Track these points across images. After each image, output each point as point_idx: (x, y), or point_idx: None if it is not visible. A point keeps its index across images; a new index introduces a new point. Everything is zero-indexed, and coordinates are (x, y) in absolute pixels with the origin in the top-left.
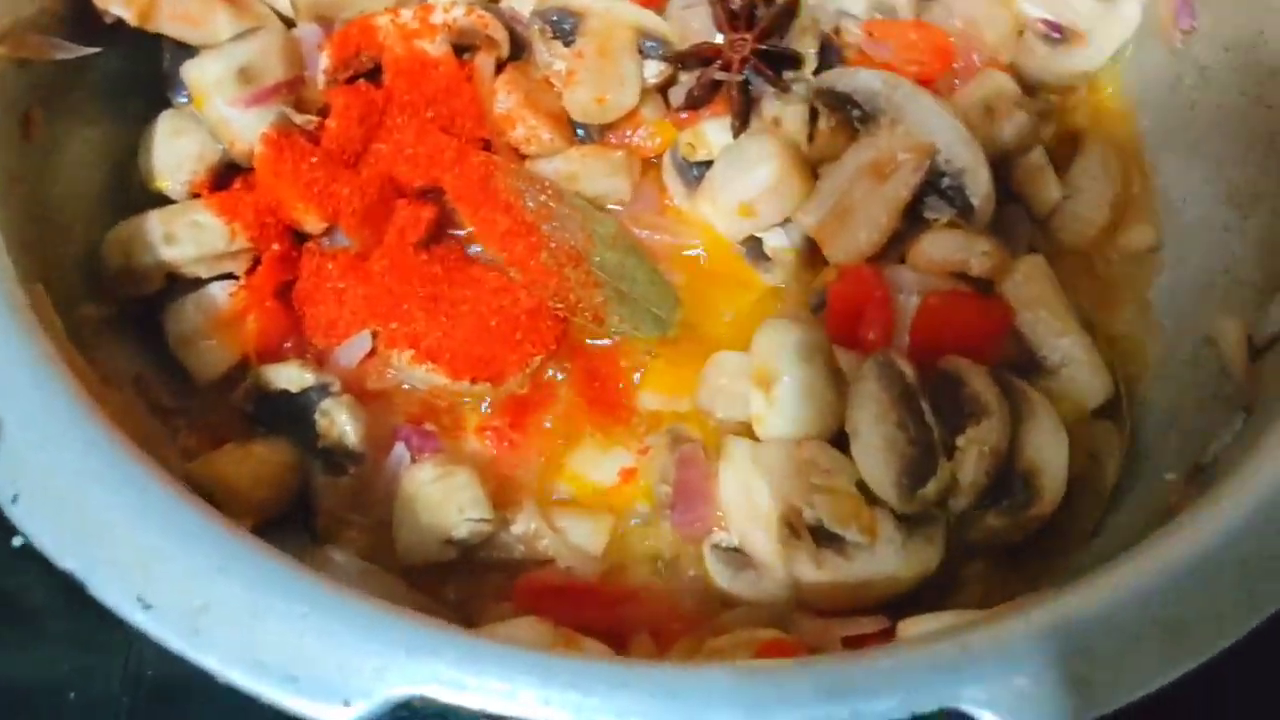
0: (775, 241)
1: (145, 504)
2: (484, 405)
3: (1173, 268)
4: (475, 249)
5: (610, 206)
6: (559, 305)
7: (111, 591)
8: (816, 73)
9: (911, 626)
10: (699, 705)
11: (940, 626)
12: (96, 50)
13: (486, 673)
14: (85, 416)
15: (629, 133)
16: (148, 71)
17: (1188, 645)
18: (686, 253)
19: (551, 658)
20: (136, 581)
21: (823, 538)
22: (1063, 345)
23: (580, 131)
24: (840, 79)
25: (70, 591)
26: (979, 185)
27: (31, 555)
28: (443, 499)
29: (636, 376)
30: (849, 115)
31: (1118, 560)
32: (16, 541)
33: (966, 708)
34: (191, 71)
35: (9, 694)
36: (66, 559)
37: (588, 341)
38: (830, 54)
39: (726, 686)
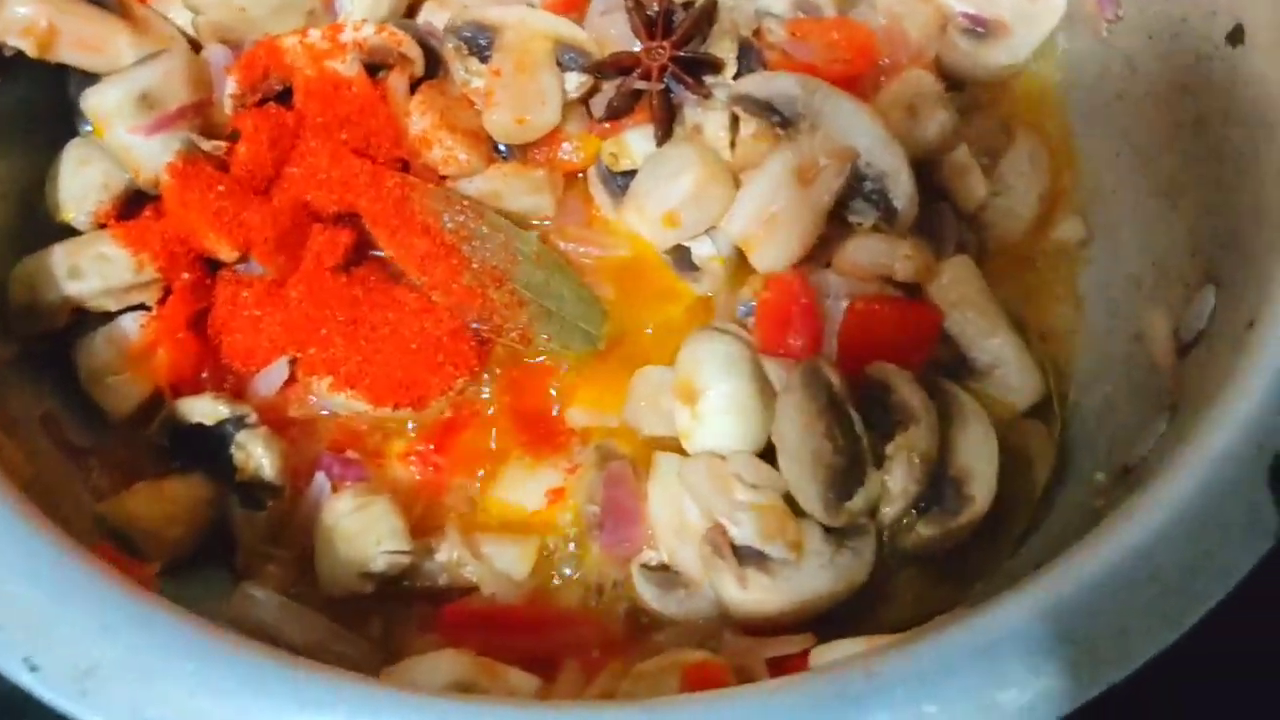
0: (702, 250)
1: (30, 561)
2: (408, 429)
3: (1103, 262)
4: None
5: (534, 223)
6: (484, 327)
7: None
8: (737, 76)
9: (824, 653)
10: None
11: (851, 653)
12: None
13: None
14: None
15: (552, 149)
16: (55, 101)
17: (1099, 664)
18: (614, 265)
19: (450, 704)
20: (22, 643)
21: (748, 555)
22: (992, 346)
23: (502, 148)
24: (758, 85)
25: None
26: (901, 188)
27: None
28: (360, 530)
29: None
30: (770, 121)
31: (1033, 577)
32: None
33: None
34: (90, 100)
35: None
36: None
37: (513, 361)
38: (750, 57)
39: None
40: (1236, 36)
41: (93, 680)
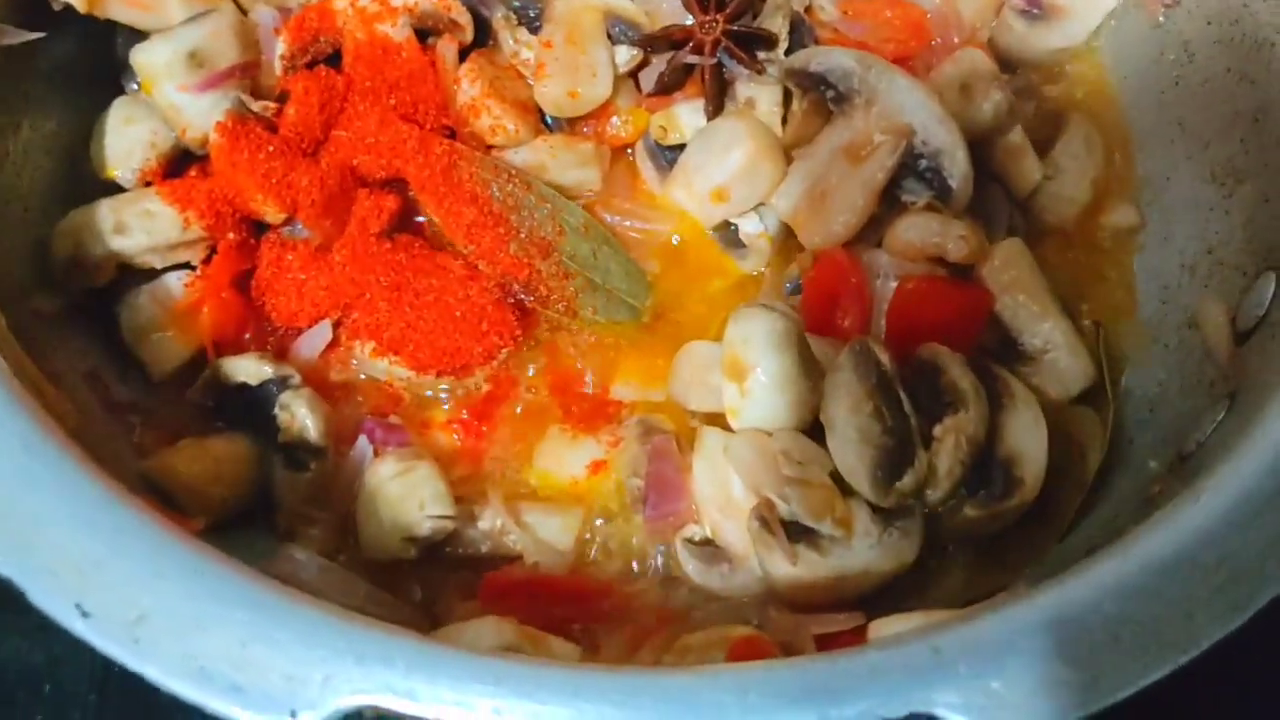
0: (750, 227)
1: (81, 508)
2: (451, 398)
3: (1156, 248)
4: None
5: (581, 195)
6: (530, 297)
7: (49, 599)
8: (788, 53)
9: (883, 627)
10: (658, 713)
11: (912, 627)
12: (42, 35)
13: (439, 682)
14: (21, 416)
15: (601, 122)
16: (102, 58)
17: (1164, 647)
18: (660, 240)
19: (506, 664)
20: (74, 589)
21: (797, 531)
22: (1043, 331)
23: (549, 120)
24: (813, 59)
25: None
26: (957, 166)
27: None
28: (404, 495)
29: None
30: (823, 96)
31: (1095, 557)
32: None
33: (939, 712)
34: (139, 56)
35: None
36: (3, 565)
37: (558, 331)
38: (802, 33)
39: (686, 693)
40: None
41: (144, 628)
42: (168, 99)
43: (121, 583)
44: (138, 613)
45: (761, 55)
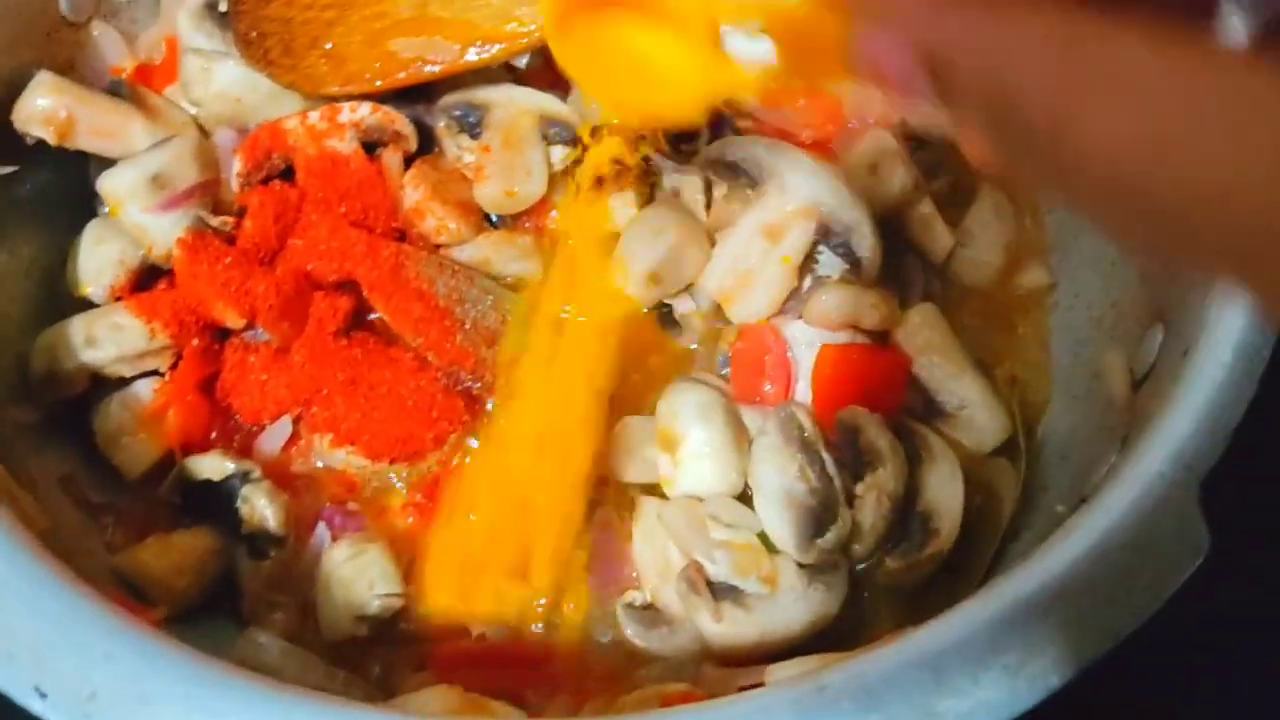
0: (683, 306)
1: (37, 596)
2: (403, 481)
3: (1068, 305)
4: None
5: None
6: (477, 384)
7: (11, 682)
8: (710, 143)
9: (779, 670)
10: None
11: (807, 670)
12: (14, 169)
13: None
14: None
15: (540, 216)
16: (77, 184)
17: (1034, 675)
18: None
19: None
20: (32, 672)
21: (724, 590)
22: (958, 389)
23: (493, 217)
24: (727, 148)
25: None
26: (865, 241)
27: None
28: (355, 576)
29: None
30: (739, 182)
31: (971, 597)
32: None
33: None
34: (105, 183)
35: None
36: None
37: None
38: (723, 125)
39: None
40: None
41: (95, 705)
42: (133, 219)
43: (75, 664)
44: (89, 690)
45: (684, 147)
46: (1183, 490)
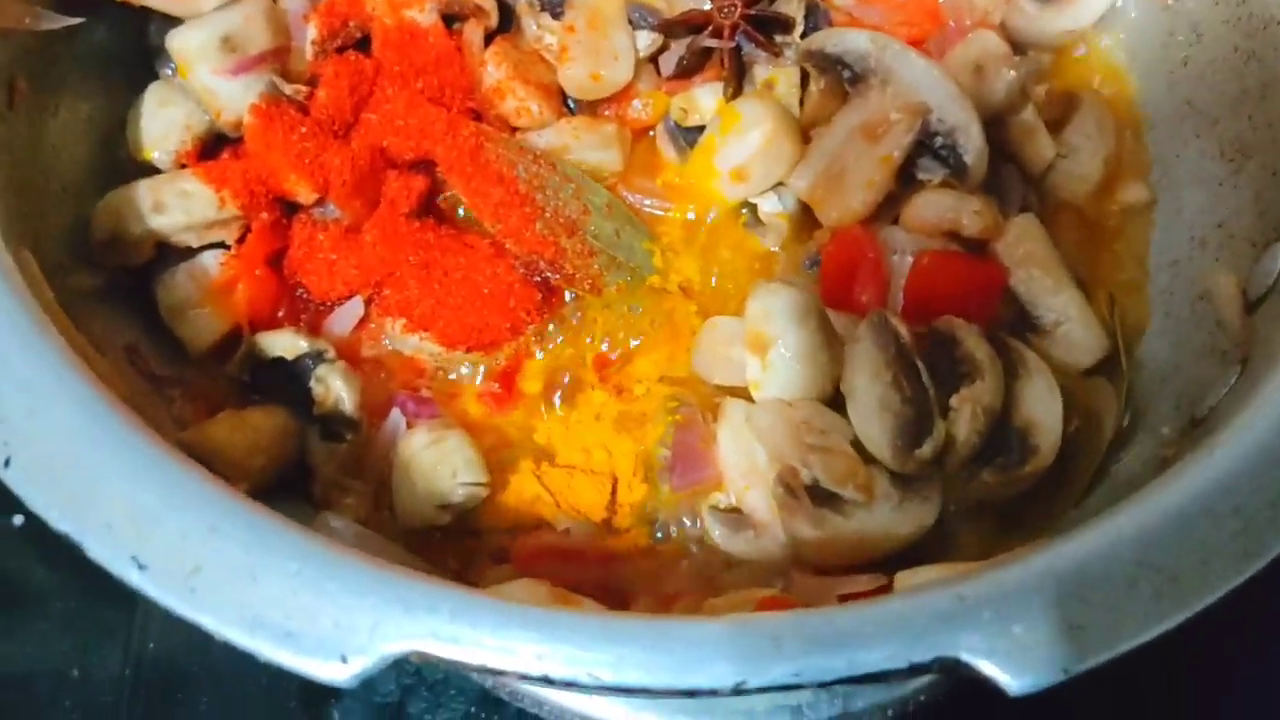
0: (769, 206)
1: (137, 465)
2: (479, 372)
3: (1168, 224)
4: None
5: (604, 176)
6: (556, 275)
7: (106, 553)
8: (804, 36)
9: (908, 578)
10: (694, 656)
11: (936, 577)
12: (80, 21)
13: (482, 627)
14: (75, 379)
15: (622, 105)
16: (137, 43)
17: (1182, 593)
18: (682, 218)
19: (547, 612)
20: (131, 543)
21: (819, 496)
22: (1057, 304)
23: (571, 103)
24: (829, 40)
25: (71, 571)
26: (971, 143)
27: (31, 536)
28: (436, 463)
29: (634, 342)
30: (839, 77)
31: (1112, 509)
32: (17, 520)
33: (964, 656)
34: (174, 41)
35: (13, 673)
36: (61, 522)
37: (584, 307)
38: (818, 17)
39: (722, 638)
40: None
41: (200, 579)
42: (202, 82)
43: (177, 536)
44: (193, 564)
45: (779, 38)
46: None
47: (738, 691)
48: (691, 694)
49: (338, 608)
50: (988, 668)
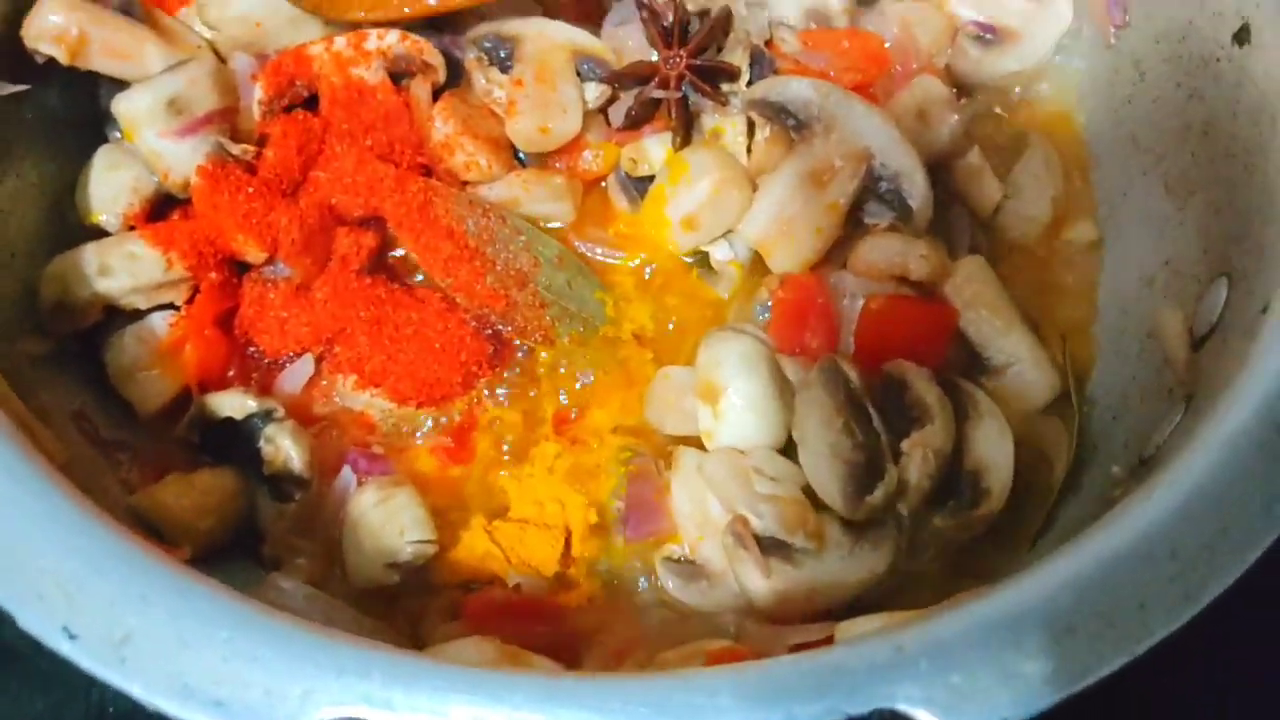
0: (721, 254)
1: (67, 534)
2: (433, 427)
3: (1116, 262)
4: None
5: (554, 226)
6: (507, 328)
7: (38, 623)
8: (750, 84)
9: (848, 629)
10: (630, 714)
11: (875, 627)
12: (24, 88)
13: (416, 692)
14: (8, 447)
15: (573, 156)
16: (86, 108)
17: (1119, 638)
18: (634, 269)
19: (481, 674)
20: (61, 612)
21: (770, 546)
22: (1007, 345)
23: (521, 155)
24: (773, 89)
25: None
26: (916, 188)
27: None
28: (385, 522)
29: (585, 381)
30: (785, 125)
31: (1051, 554)
32: None
33: (901, 708)
34: (120, 105)
35: None
36: None
37: (535, 361)
38: (764, 65)
39: (659, 696)
40: (1243, 36)
41: (129, 648)
42: (149, 145)
43: (106, 605)
44: (123, 633)
45: (725, 87)
46: (1268, 448)
47: None
48: None
49: (269, 675)
50: (926, 718)
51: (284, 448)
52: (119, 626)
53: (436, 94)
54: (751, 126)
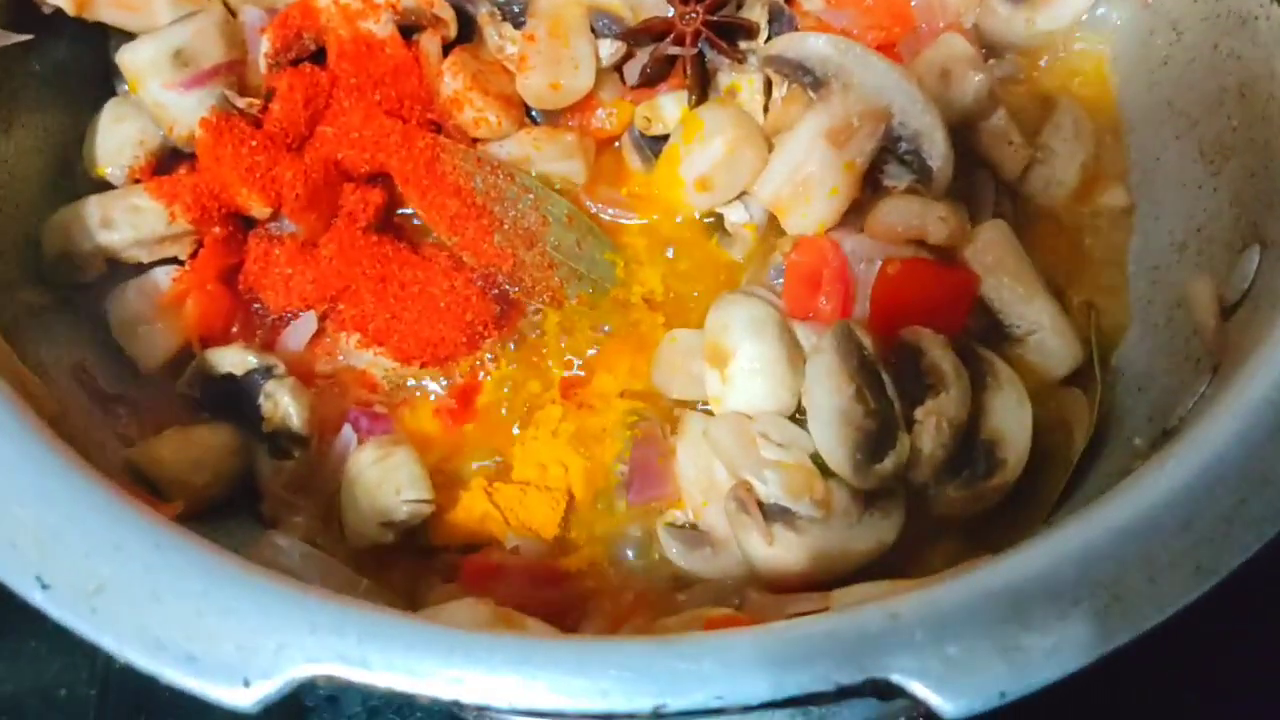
0: (735, 216)
1: (42, 482)
2: (436, 387)
3: (1147, 229)
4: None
5: (567, 186)
6: (515, 288)
7: (10, 572)
8: (769, 41)
9: (844, 596)
10: (611, 679)
11: (873, 594)
12: (29, 38)
13: (392, 651)
14: None
15: (585, 115)
16: (94, 60)
17: (1127, 611)
18: (646, 229)
19: (461, 635)
20: (34, 562)
21: (775, 512)
22: (1028, 312)
23: (533, 113)
24: (790, 45)
25: None
26: (937, 149)
27: None
28: (382, 480)
29: (592, 351)
30: (802, 83)
31: (1057, 524)
32: None
33: (896, 678)
34: (126, 56)
35: (2, 692)
36: None
37: (542, 320)
38: (783, 21)
39: (642, 660)
40: None
41: (101, 599)
42: (154, 97)
43: (80, 555)
44: (96, 583)
45: (742, 45)
46: None
47: (657, 716)
48: (608, 718)
49: (242, 629)
50: (920, 690)
51: (283, 404)
52: (92, 577)
53: (447, 49)
54: (769, 84)
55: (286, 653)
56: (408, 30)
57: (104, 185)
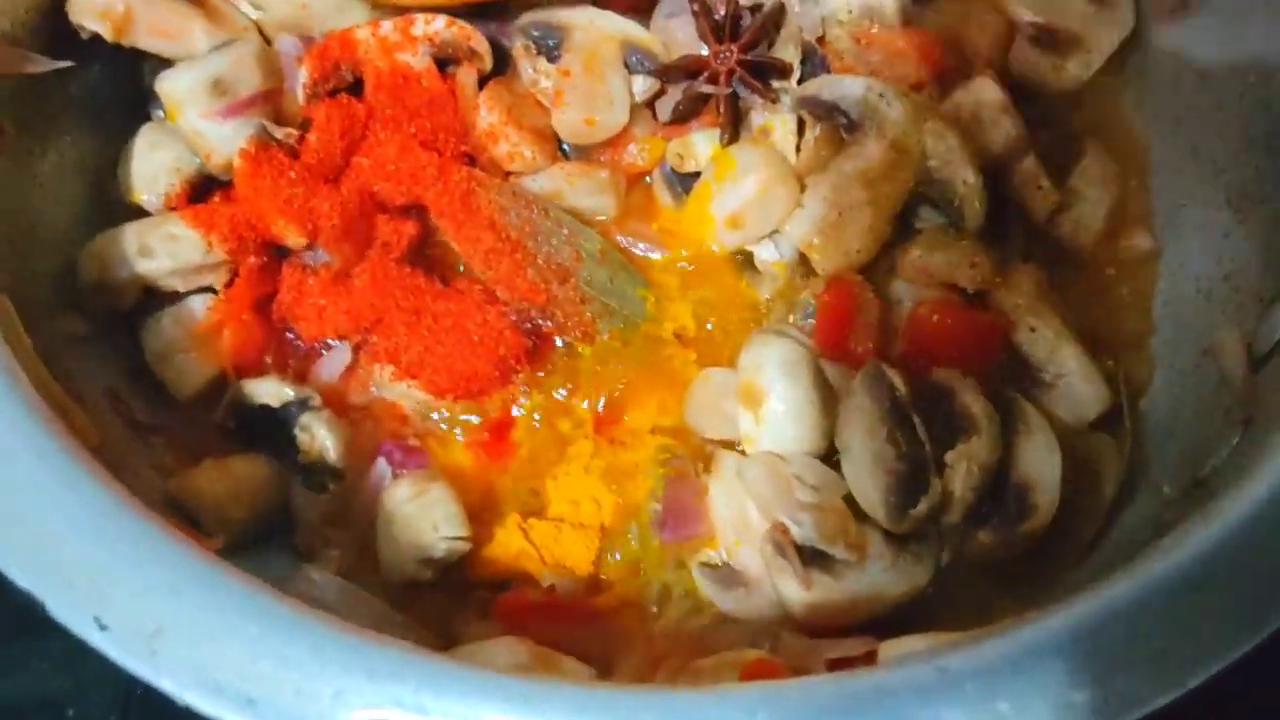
0: (766, 254)
1: (100, 522)
2: (469, 421)
3: (1172, 275)
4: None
5: (597, 219)
6: (547, 323)
7: (69, 612)
8: (801, 82)
9: (892, 648)
10: None
11: (919, 648)
12: (67, 65)
13: (448, 697)
14: (40, 431)
15: (618, 150)
16: (130, 86)
17: (1177, 668)
18: (676, 266)
19: (515, 681)
20: (92, 602)
21: (810, 555)
22: (1058, 358)
23: (566, 147)
24: (825, 87)
25: None
26: (970, 192)
27: None
28: (419, 516)
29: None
30: (836, 124)
31: (1105, 579)
32: None
33: None
34: (164, 84)
35: (10, 706)
36: (23, 578)
37: (574, 357)
38: (815, 62)
39: (695, 711)
40: None
41: (161, 641)
42: (191, 125)
43: (139, 596)
44: (155, 625)
45: (775, 84)
46: None
47: None
48: None
49: (300, 674)
50: None
51: (320, 437)
52: (150, 619)
53: (482, 82)
54: (801, 125)
55: (344, 698)
56: (444, 63)
57: (138, 211)
